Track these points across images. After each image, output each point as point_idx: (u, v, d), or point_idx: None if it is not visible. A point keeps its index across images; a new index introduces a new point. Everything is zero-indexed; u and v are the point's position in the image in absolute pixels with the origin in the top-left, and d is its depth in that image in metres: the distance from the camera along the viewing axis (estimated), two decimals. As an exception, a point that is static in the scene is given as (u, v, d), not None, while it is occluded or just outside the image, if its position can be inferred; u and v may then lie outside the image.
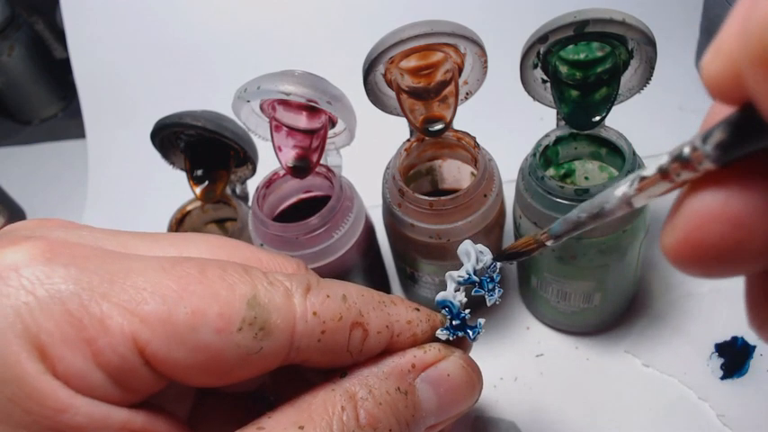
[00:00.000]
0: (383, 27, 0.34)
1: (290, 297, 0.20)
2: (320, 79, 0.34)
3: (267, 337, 0.19)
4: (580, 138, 0.39)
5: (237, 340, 0.18)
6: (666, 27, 0.42)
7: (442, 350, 0.23)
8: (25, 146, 0.73)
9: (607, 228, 0.35)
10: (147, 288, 0.18)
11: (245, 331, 0.18)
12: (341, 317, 0.20)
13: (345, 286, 0.22)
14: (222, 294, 0.18)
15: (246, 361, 0.19)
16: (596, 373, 0.42)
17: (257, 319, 0.18)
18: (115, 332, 0.17)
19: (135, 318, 0.17)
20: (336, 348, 0.20)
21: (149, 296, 0.18)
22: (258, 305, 0.19)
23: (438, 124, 0.37)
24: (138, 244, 0.20)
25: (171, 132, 0.40)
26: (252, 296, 0.19)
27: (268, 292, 0.19)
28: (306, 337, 0.19)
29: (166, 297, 0.18)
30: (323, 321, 0.20)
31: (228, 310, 0.18)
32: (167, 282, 0.18)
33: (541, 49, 0.34)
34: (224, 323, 0.18)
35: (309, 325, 0.20)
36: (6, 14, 0.68)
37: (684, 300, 0.45)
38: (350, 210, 0.39)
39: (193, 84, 0.64)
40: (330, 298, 0.21)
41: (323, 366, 0.21)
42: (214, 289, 0.18)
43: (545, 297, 0.41)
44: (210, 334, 0.18)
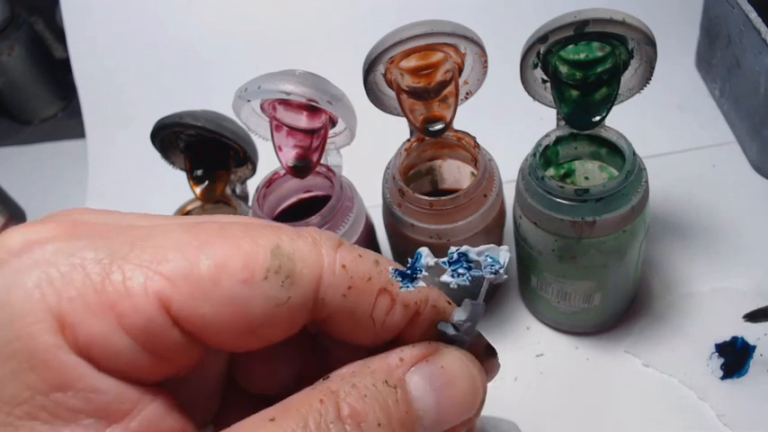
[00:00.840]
0: (383, 27, 0.34)
1: (317, 247, 0.19)
2: (320, 79, 0.34)
3: (294, 285, 0.18)
4: (580, 138, 0.39)
5: (264, 290, 0.18)
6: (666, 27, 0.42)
7: (435, 344, 0.21)
8: (25, 146, 0.73)
9: (607, 228, 0.35)
10: (167, 246, 0.17)
11: (270, 280, 0.18)
12: (370, 277, 0.20)
13: (377, 254, 0.21)
14: (244, 246, 0.18)
15: (274, 313, 0.18)
16: (596, 373, 0.42)
17: (282, 267, 0.18)
18: (137, 293, 0.17)
19: (156, 276, 0.17)
20: (360, 311, 0.20)
21: (170, 254, 0.17)
22: (282, 254, 0.18)
23: (438, 124, 0.37)
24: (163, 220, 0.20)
25: (171, 132, 0.40)
26: (275, 245, 0.18)
27: (293, 242, 0.19)
28: (332, 288, 0.19)
29: (187, 253, 0.17)
30: (351, 277, 0.19)
31: (252, 260, 0.18)
32: (188, 238, 0.18)
33: (541, 49, 0.34)
34: (248, 273, 0.17)
35: (337, 277, 0.19)
36: (6, 14, 0.68)
37: (684, 300, 0.45)
38: (350, 210, 0.39)
39: (193, 84, 0.64)
40: (362, 257, 0.20)
41: (345, 334, 0.20)
42: (236, 241, 0.18)
43: (545, 297, 0.41)
44: (235, 285, 0.17)
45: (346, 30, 0.63)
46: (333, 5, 0.64)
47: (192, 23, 0.66)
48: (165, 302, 0.17)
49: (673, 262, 0.47)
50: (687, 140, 0.54)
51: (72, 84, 0.66)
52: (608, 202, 0.35)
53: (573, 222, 0.35)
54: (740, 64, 0.50)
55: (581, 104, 0.36)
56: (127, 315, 0.17)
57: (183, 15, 0.66)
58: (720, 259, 0.46)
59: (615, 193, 0.34)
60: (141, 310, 0.17)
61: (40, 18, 0.73)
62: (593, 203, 0.35)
